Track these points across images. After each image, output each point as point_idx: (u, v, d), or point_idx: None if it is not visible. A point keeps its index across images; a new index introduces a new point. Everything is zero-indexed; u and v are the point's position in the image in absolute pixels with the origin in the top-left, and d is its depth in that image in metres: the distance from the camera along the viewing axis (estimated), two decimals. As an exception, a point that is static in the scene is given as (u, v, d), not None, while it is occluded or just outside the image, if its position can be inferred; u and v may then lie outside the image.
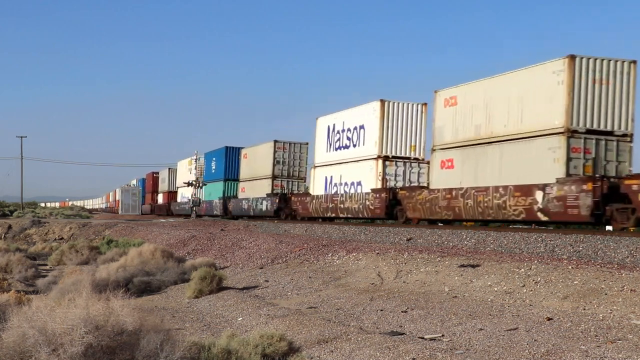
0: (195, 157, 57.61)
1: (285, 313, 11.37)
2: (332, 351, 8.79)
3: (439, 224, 24.87)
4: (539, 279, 11.13)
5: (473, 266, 12.83)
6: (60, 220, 52.54)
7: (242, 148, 48.47)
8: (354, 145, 31.54)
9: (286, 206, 38.54)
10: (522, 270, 11.81)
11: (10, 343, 6.57)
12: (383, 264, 14.82)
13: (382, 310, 10.95)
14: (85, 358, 6.38)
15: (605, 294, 9.71)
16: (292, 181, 41.96)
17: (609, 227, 20.38)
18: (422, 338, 8.92)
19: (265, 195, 41.44)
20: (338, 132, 33.23)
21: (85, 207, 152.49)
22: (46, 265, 25.39)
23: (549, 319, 9.06)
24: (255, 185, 43.95)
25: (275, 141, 41.77)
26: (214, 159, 53.11)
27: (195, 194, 56.44)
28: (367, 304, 11.58)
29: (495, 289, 11.32)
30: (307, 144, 42.16)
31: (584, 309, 9.36)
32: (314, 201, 34.58)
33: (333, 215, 32.92)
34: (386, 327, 9.80)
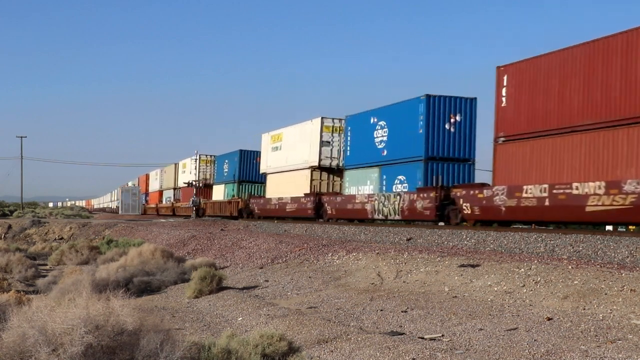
0: None
1: (285, 313, 11.37)
2: (332, 351, 8.79)
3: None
4: (539, 279, 11.13)
5: (473, 266, 12.83)
6: (60, 220, 52.53)
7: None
8: None
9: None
10: (522, 270, 11.81)
11: (10, 343, 6.57)
12: (383, 264, 14.82)
13: (382, 310, 10.95)
14: (85, 358, 6.38)
15: (605, 294, 9.72)
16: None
17: (608, 227, 20.39)
18: (422, 338, 8.92)
19: None
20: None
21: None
22: (46, 265, 25.38)
23: (549, 319, 9.06)
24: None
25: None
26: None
27: (195, 194, 56.58)
28: (367, 303, 11.58)
29: (495, 288, 11.33)
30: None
31: (584, 309, 9.37)
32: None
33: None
34: (386, 327, 9.80)
